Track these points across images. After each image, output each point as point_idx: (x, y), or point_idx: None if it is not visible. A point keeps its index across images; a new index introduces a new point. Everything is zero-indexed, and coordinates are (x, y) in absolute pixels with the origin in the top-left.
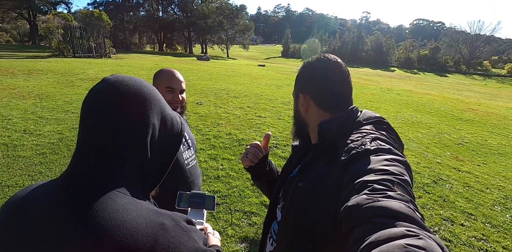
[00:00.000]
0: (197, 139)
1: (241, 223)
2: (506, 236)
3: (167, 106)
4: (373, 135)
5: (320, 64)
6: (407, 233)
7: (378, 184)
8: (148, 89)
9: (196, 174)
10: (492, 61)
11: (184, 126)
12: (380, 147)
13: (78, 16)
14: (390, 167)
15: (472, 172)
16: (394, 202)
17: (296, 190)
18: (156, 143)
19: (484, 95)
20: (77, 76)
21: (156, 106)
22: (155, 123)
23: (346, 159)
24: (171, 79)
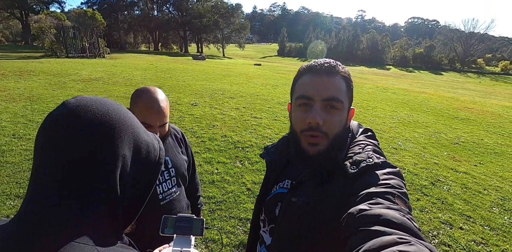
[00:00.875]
0: (191, 141)
1: (236, 230)
2: (505, 239)
3: (142, 130)
4: (370, 146)
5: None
6: (398, 241)
7: (381, 197)
8: (117, 114)
9: (175, 209)
10: (486, 59)
11: (162, 153)
12: (382, 161)
13: (71, 15)
14: (391, 180)
15: (469, 172)
16: (390, 210)
17: (290, 206)
18: (127, 176)
19: (478, 93)
20: (69, 77)
21: (127, 134)
22: (126, 154)
23: (356, 172)
24: (148, 114)
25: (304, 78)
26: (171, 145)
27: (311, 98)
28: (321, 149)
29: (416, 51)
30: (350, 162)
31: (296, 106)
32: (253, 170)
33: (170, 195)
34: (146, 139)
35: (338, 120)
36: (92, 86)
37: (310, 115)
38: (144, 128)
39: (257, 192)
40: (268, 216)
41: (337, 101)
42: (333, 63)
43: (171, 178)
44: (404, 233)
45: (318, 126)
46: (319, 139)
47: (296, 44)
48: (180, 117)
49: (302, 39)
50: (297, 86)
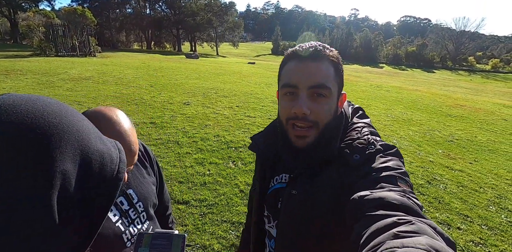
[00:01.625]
0: (183, 141)
1: (228, 235)
2: (504, 238)
3: (96, 137)
4: (366, 129)
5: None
6: (398, 221)
7: (383, 181)
8: (58, 117)
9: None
10: (477, 57)
11: (123, 165)
12: (382, 144)
13: (61, 13)
14: (390, 162)
15: (465, 170)
16: (390, 192)
17: (290, 199)
18: (71, 197)
19: (470, 91)
20: (58, 76)
21: (71, 142)
22: (68, 169)
23: (360, 161)
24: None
25: (289, 65)
26: (132, 172)
27: (296, 87)
28: (309, 141)
29: (409, 50)
30: (351, 150)
31: (282, 95)
32: (246, 170)
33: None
34: (100, 148)
35: (326, 108)
36: (81, 85)
37: (296, 104)
38: (99, 132)
39: None
40: (272, 212)
41: (324, 89)
42: (319, 47)
43: (139, 215)
44: (404, 214)
45: (305, 115)
46: (307, 130)
47: (290, 43)
48: (171, 117)
49: (296, 37)
50: (283, 74)
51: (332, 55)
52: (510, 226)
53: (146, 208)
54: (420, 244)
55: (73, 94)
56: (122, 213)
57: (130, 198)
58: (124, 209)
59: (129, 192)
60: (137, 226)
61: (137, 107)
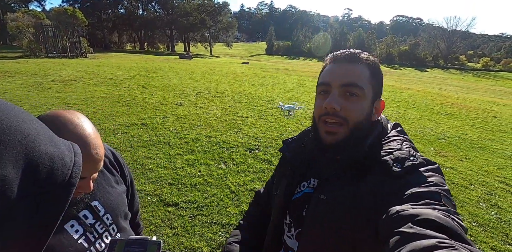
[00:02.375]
0: (174, 142)
1: (218, 237)
2: (493, 235)
3: (45, 138)
4: (406, 142)
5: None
6: (439, 245)
7: (427, 197)
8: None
9: None
10: (468, 56)
11: (77, 169)
12: (424, 158)
13: (51, 14)
14: (433, 178)
15: (456, 167)
16: (432, 210)
17: (318, 205)
18: (13, 205)
19: (462, 89)
20: (48, 78)
21: (11, 145)
22: (9, 174)
23: (401, 171)
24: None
25: (327, 67)
26: (97, 180)
27: (329, 85)
28: (339, 137)
29: (401, 49)
30: (392, 159)
31: (317, 94)
32: (237, 171)
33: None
34: (50, 151)
35: (358, 108)
36: (72, 87)
37: (327, 100)
38: (52, 134)
39: (241, 194)
40: (295, 219)
41: (356, 88)
42: (355, 52)
43: (107, 228)
44: (446, 237)
45: (335, 111)
46: (337, 127)
47: (284, 43)
48: (163, 117)
49: (290, 37)
50: (320, 76)
51: (369, 60)
52: (500, 223)
53: (116, 219)
54: None
55: (62, 96)
56: (86, 227)
57: (95, 211)
58: (89, 223)
59: (94, 203)
60: (105, 240)
61: (128, 108)
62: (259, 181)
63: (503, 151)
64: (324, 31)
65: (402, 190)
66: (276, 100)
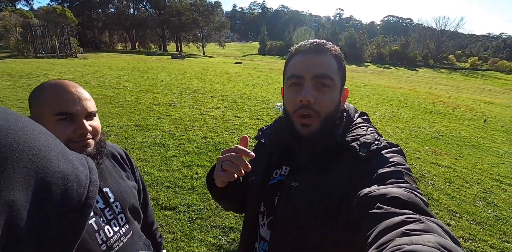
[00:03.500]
0: (169, 144)
1: (218, 241)
2: (492, 233)
3: (58, 154)
4: (371, 128)
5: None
6: (407, 220)
7: (390, 177)
8: (2, 133)
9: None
10: (457, 55)
11: (94, 188)
12: (388, 142)
13: (39, 13)
14: (395, 158)
15: (451, 166)
16: (398, 189)
17: (290, 192)
18: (22, 233)
19: (451, 88)
20: (37, 78)
21: (20, 164)
22: (17, 198)
23: (367, 155)
24: (61, 98)
25: (295, 59)
26: (109, 170)
27: (301, 77)
28: (313, 129)
29: (392, 49)
30: (358, 144)
31: (288, 87)
32: None
33: (119, 241)
34: (64, 167)
35: (330, 98)
36: None
37: (301, 94)
38: (63, 147)
39: None
40: (268, 207)
41: (328, 79)
42: (322, 42)
43: (115, 216)
44: (412, 212)
45: (310, 103)
46: (311, 119)
47: (276, 43)
48: (157, 118)
49: (283, 37)
50: (288, 68)
51: (335, 50)
52: (497, 221)
53: (124, 209)
54: (429, 242)
55: None
56: (96, 211)
57: (106, 197)
58: (99, 207)
59: (105, 190)
60: (113, 227)
61: (121, 109)
62: None
63: (495, 149)
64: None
65: (370, 173)
66: (271, 100)
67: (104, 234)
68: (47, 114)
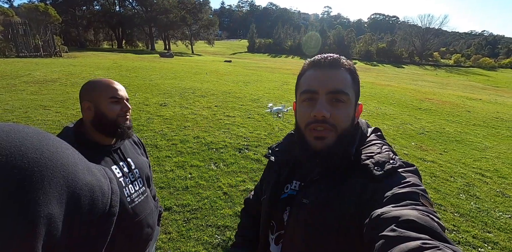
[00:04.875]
0: (162, 145)
1: (214, 240)
2: (474, 224)
3: (83, 168)
4: (386, 146)
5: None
6: (423, 246)
7: (406, 198)
8: (37, 151)
9: (145, 211)
10: (441, 53)
11: (116, 197)
12: (403, 161)
13: (20, 11)
14: (410, 178)
15: (436, 161)
16: (412, 211)
17: (301, 209)
18: (58, 243)
19: (436, 85)
20: (20, 78)
21: (55, 180)
22: (54, 212)
23: (382, 174)
24: (112, 87)
25: (308, 73)
26: (129, 146)
27: (316, 92)
28: (329, 143)
29: (379, 46)
30: (373, 162)
31: (301, 102)
32: (228, 172)
33: (138, 197)
34: (89, 180)
35: (345, 114)
36: (47, 88)
37: (315, 108)
38: (86, 161)
39: (234, 195)
40: (277, 222)
41: (343, 94)
42: (336, 56)
43: (136, 179)
44: (428, 236)
45: (325, 118)
46: (327, 132)
47: (265, 40)
48: (148, 119)
49: (271, 35)
50: (301, 82)
51: (349, 64)
52: (479, 212)
53: (142, 175)
54: None
55: (38, 98)
56: (123, 173)
57: (129, 164)
58: (125, 171)
59: (128, 159)
60: (135, 187)
61: None
62: (250, 181)
63: (477, 144)
64: (305, 29)
65: (384, 193)
66: (262, 99)
67: (129, 190)
68: (104, 98)
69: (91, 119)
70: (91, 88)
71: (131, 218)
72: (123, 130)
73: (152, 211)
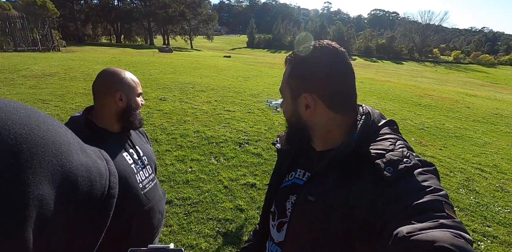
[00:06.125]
0: (162, 139)
1: (215, 233)
2: (473, 218)
3: (78, 148)
4: (400, 141)
5: (329, 56)
6: None
7: (429, 209)
8: (25, 126)
9: (155, 198)
10: (441, 49)
11: (114, 178)
12: (419, 159)
13: (18, 4)
14: (430, 181)
15: (436, 156)
16: (445, 233)
17: (307, 206)
18: (51, 227)
19: (436, 81)
20: (19, 73)
21: (46, 158)
22: (45, 192)
23: (394, 176)
24: (138, 82)
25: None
26: (134, 135)
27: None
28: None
29: (379, 42)
30: (384, 162)
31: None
32: (229, 166)
33: (149, 183)
34: (85, 161)
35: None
36: (46, 82)
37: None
38: (81, 142)
39: (235, 189)
40: (279, 209)
41: (281, 93)
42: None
43: (145, 166)
44: None
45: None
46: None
47: (265, 36)
48: (148, 113)
49: (271, 30)
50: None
51: (295, 56)
52: (479, 207)
53: (150, 163)
54: None
55: (37, 92)
56: (134, 160)
57: (138, 151)
58: (135, 158)
59: (137, 147)
60: (145, 173)
61: None
62: (251, 175)
63: (476, 139)
64: (305, 24)
65: (400, 200)
66: (262, 94)
67: (140, 177)
68: (135, 91)
69: (122, 109)
70: (122, 80)
71: (144, 204)
72: (140, 121)
73: (161, 198)
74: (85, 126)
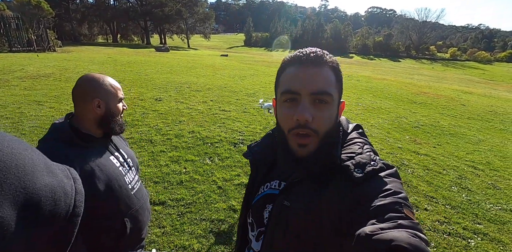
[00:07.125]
0: (156, 139)
1: (208, 233)
2: (465, 216)
3: (43, 169)
4: (367, 146)
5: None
6: None
7: (389, 210)
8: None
9: (143, 197)
10: (438, 46)
11: (80, 197)
12: (384, 162)
13: (12, 5)
14: (392, 184)
15: (430, 154)
16: (402, 233)
17: (283, 212)
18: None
19: (432, 78)
20: (13, 74)
21: (8, 181)
22: (4, 215)
23: (362, 177)
24: (119, 87)
25: (289, 71)
26: (116, 139)
27: (298, 93)
28: (311, 149)
29: (376, 40)
30: (353, 164)
31: (282, 102)
32: (223, 166)
33: (136, 184)
34: (49, 181)
35: (328, 115)
36: (41, 83)
37: (298, 111)
38: (48, 161)
39: (228, 189)
40: (256, 219)
41: (327, 95)
42: (319, 53)
43: (131, 168)
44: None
45: (307, 122)
46: (309, 138)
47: (262, 34)
48: (143, 114)
49: (268, 29)
50: (282, 80)
51: (333, 61)
52: (470, 204)
53: (134, 165)
54: None
55: (32, 94)
56: (120, 162)
57: (123, 154)
58: (121, 161)
59: (121, 150)
60: (131, 175)
61: None
62: (245, 175)
63: (471, 137)
64: (302, 22)
65: (365, 202)
66: (258, 94)
67: (128, 178)
68: (115, 97)
69: (100, 116)
70: (101, 87)
71: (135, 204)
72: (121, 126)
73: (147, 196)
74: (72, 131)
